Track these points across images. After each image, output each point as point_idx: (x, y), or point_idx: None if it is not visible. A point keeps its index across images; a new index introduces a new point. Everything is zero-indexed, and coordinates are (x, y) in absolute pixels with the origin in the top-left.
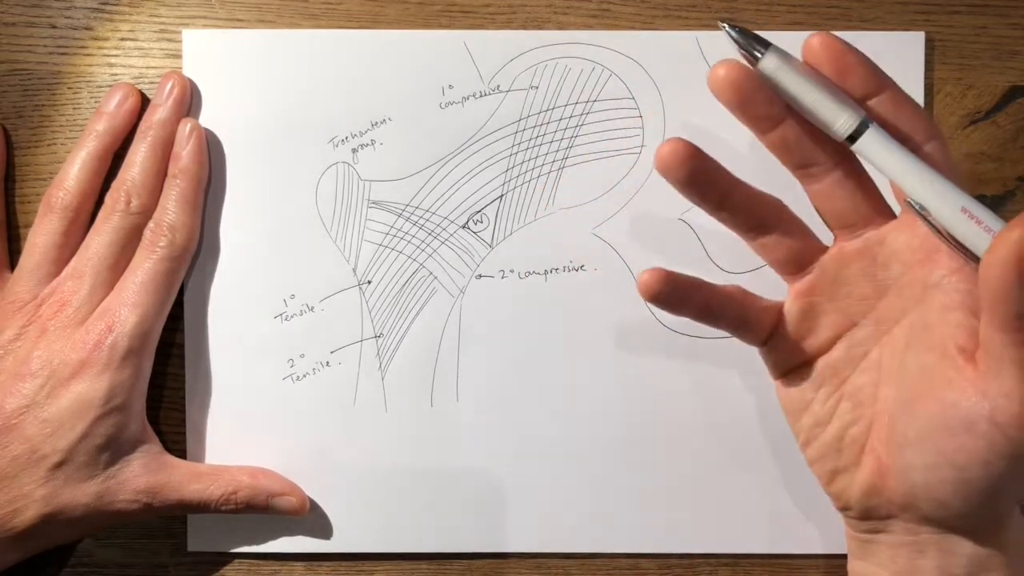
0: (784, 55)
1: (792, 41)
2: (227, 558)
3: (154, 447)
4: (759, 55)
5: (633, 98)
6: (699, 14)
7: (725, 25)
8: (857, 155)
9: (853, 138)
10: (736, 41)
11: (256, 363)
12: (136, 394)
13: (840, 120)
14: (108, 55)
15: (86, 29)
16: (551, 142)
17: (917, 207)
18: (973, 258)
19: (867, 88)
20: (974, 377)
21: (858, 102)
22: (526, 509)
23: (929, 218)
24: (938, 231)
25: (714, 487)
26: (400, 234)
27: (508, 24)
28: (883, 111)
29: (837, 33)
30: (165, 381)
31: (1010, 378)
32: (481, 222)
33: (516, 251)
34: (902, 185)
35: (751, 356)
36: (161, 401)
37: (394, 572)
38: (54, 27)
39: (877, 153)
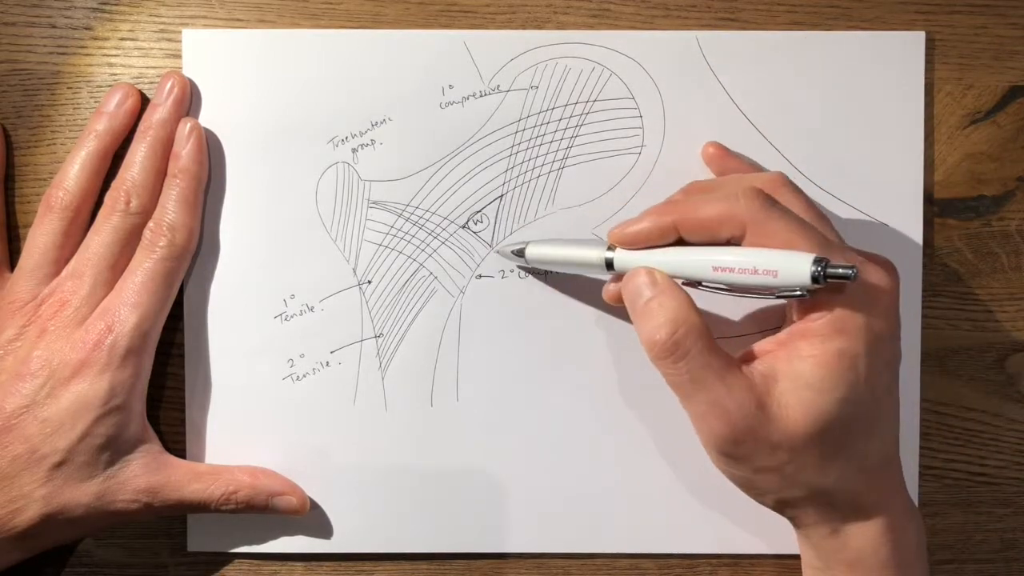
0: (537, 243)
1: (792, 41)
2: (227, 558)
3: (154, 447)
4: (522, 251)
5: (633, 98)
6: (699, 14)
7: (499, 250)
8: (619, 271)
9: (611, 265)
10: (505, 255)
11: (256, 363)
12: (136, 394)
13: (594, 255)
14: (108, 55)
15: (86, 29)
16: (551, 142)
17: (687, 282)
18: (753, 294)
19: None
20: None
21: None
22: (526, 509)
23: (699, 285)
24: (711, 289)
25: (714, 487)
26: (400, 234)
27: (508, 24)
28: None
29: (837, 33)
30: (165, 381)
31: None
32: (481, 222)
33: None
34: (671, 274)
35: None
36: (161, 401)
37: (394, 572)
38: (54, 27)
39: (633, 263)
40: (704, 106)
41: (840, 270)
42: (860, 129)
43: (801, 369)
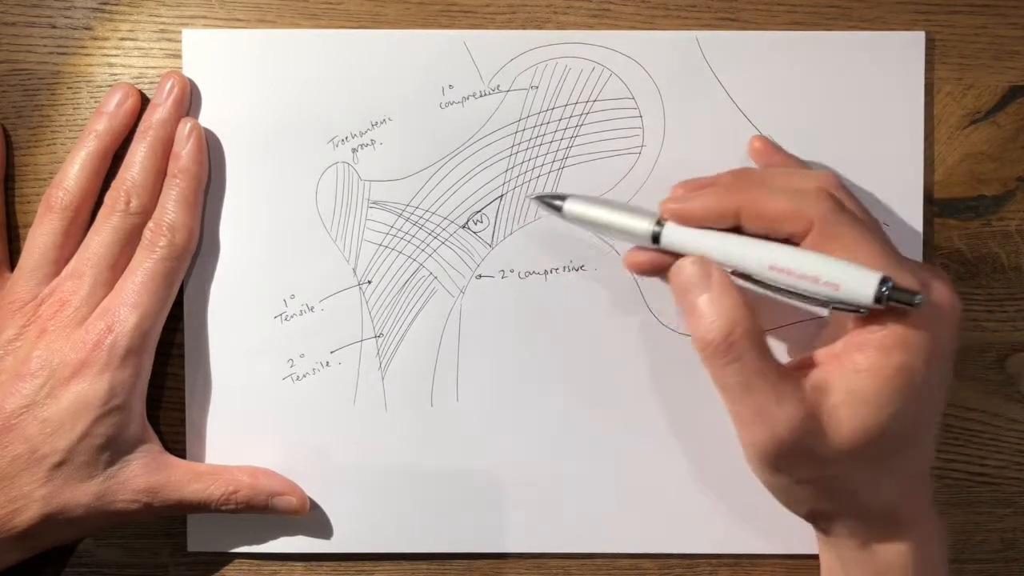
0: (577, 199)
1: (792, 41)
2: (227, 558)
3: (154, 447)
4: (560, 206)
5: (633, 98)
6: (699, 14)
7: (535, 198)
8: (664, 247)
9: (656, 238)
10: (541, 204)
11: (256, 363)
12: (136, 394)
13: (642, 226)
14: (108, 55)
15: (86, 29)
16: (551, 142)
17: (737, 273)
18: (804, 301)
19: None
20: None
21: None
22: (526, 509)
23: (750, 279)
24: (761, 288)
25: (714, 487)
26: (400, 234)
27: (508, 24)
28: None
29: (837, 33)
30: (165, 381)
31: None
32: (481, 222)
33: (516, 251)
34: (716, 260)
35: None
36: (161, 401)
37: (394, 572)
38: (54, 27)
39: (682, 242)
40: (704, 106)
41: (906, 295)
42: (860, 129)
43: (856, 383)
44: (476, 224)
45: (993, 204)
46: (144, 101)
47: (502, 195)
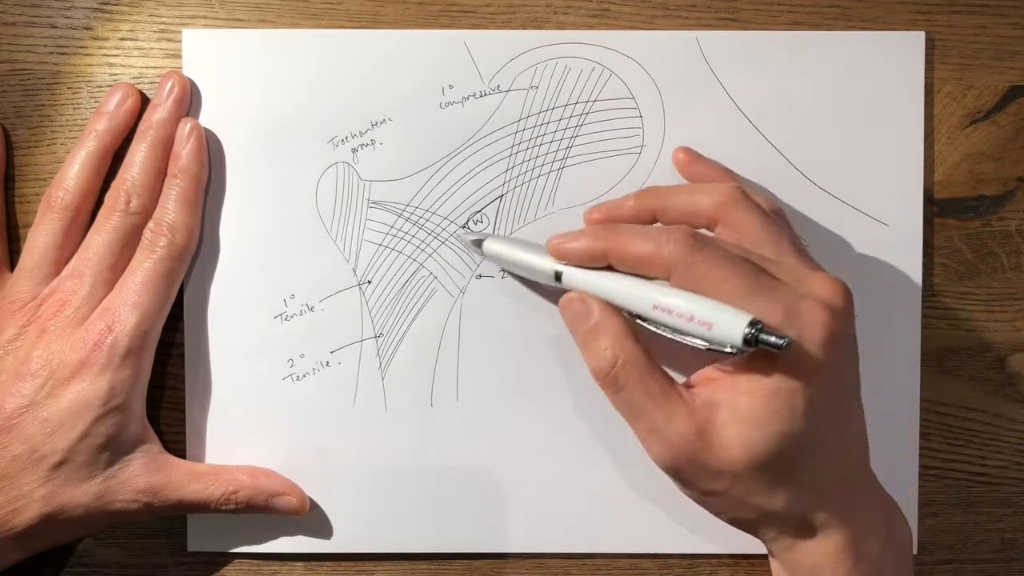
0: (494, 239)
1: (792, 41)
2: (227, 558)
3: (154, 447)
4: (479, 245)
5: (633, 98)
6: (699, 14)
7: (461, 233)
8: (566, 286)
9: (559, 278)
10: (466, 244)
11: (256, 363)
12: (136, 394)
13: (546, 265)
14: (108, 55)
15: (86, 29)
16: (551, 142)
17: (631, 313)
18: (695, 346)
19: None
20: None
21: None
22: (526, 509)
23: (642, 319)
24: (653, 327)
25: None
26: (400, 234)
27: (508, 24)
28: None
29: (837, 33)
30: (165, 381)
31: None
32: (481, 222)
33: None
34: (605, 298)
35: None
36: (161, 401)
37: (394, 572)
38: (54, 27)
39: (580, 281)
40: (704, 106)
41: (773, 338)
42: (860, 129)
43: (738, 402)
44: (476, 224)
45: (993, 204)
46: (144, 101)
47: (502, 195)
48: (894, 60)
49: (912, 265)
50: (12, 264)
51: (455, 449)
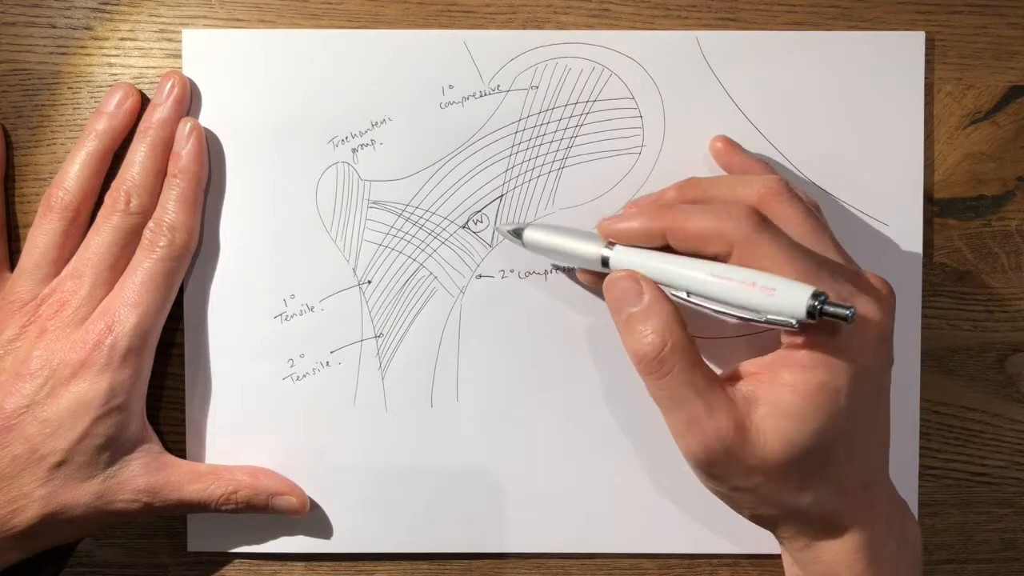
0: (535, 227)
1: (792, 41)
2: (227, 558)
3: (154, 447)
4: (520, 236)
5: (633, 98)
6: (699, 14)
7: (499, 228)
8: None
9: (606, 262)
10: (505, 235)
11: (256, 363)
12: (136, 394)
13: (592, 249)
14: (108, 55)
15: (86, 29)
16: (551, 142)
17: (680, 296)
18: (752, 319)
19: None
20: None
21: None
22: (526, 509)
23: (689, 297)
24: (700, 305)
25: None
26: (400, 234)
27: (508, 24)
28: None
29: (837, 33)
30: (165, 381)
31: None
32: (481, 222)
33: (516, 251)
34: (656, 278)
35: (751, 356)
36: (161, 401)
37: (394, 572)
38: (54, 27)
39: (629, 264)
40: (704, 106)
41: (838, 309)
42: (860, 129)
43: (780, 397)
44: (476, 224)
45: (993, 204)
46: (144, 101)
47: (502, 195)
48: (894, 60)
49: (912, 265)
50: (12, 264)
51: (455, 449)
